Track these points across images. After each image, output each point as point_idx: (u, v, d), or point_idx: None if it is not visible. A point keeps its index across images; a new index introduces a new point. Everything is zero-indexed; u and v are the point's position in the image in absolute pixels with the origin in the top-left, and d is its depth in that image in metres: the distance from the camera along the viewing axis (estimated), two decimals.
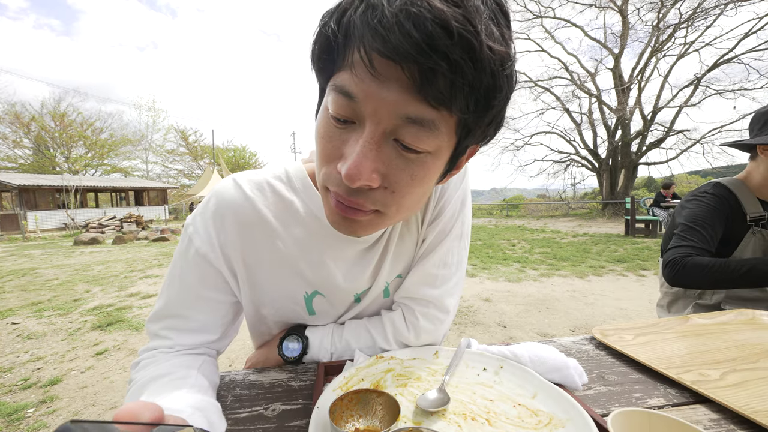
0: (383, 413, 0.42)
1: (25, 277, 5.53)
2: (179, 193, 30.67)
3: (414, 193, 0.41)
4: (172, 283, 0.55)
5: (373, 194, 0.40)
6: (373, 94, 0.34)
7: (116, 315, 3.54)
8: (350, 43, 0.34)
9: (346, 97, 0.35)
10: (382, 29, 0.30)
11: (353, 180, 0.36)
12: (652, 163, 16.75)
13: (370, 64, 0.32)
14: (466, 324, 3.15)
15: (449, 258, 0.61)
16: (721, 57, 13.31)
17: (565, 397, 0.44)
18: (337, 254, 0.57)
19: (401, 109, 0.34)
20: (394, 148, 0.37)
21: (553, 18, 16.95)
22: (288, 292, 0.59)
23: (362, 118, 0.36)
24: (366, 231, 0.45)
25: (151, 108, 35.30)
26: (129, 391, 0.47)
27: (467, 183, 0.63)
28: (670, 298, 1.20)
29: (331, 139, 0.39)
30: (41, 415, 1.93)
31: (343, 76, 0.35)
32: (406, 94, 0.33)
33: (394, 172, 0.38)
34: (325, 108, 0.39)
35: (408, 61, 0.31)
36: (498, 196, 60.91)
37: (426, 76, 0.31)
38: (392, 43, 0.30)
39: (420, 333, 0.60)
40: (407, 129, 0.35)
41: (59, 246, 9.79)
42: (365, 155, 0.36)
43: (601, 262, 5.57)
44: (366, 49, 0.32)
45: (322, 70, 0.39)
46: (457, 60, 0.30)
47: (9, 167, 26.97)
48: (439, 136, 0.36)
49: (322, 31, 0.36)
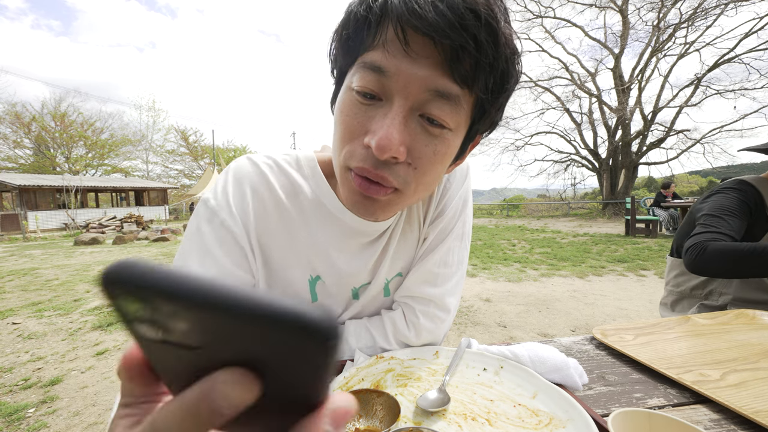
0: (383, 413, 0.42)
1: (25, 277, 5.53)
2: (179, 194, 30.70)
3: (433, 170, 0.44)
4: (191, 261, 0.50)
5: (396, 168, 0.42)
6: (406, 69, 0.37)
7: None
8: (385, 22, 0.37)
9: (376, 72, 0.38)
10: (419, 8, 0.34)
11: (384, 150, 0.38)
12: (652, 163, 16.75)
13: (405, 40, 0.36)
14: (467, 324, 3.15)
15: (450, 257, 0.61)
16: (721, 57, 13.29)
17: (565, 398, 0.44)
18: (341, 245, 0.57)
19: (431, 83, 0.37)
20: (419, 124, 0.40)
21: (553, 18, 16.95)
22: (295, 275, 0.59)
23: (390, 94, 0.38)
24: (384, 212, 0.46)
25: (151, 108, 35.27)
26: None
27: (469, 184, 0.63)
28: (675, 297, 1.18)
29: (356, 116, 0.40)
30: (41, 415, 1.93)
31: (374, 54, 0.38)
32: (436, 69, 0.37)
33: (419, 147, 0.41)
34: (348, 88, 0.41)
35: (442, 37, 0.34)
36: (498, 196, 60.90)
37: (456, 53, 0.35)
38: (428, 20, 0.34)
39: (421, 332, 0.60)
40: (434, 103, 0.38)
41: (60, 246, 9.79)
42: (395, 127, 0.38)
43: (601, 262, 5.57)
44: (402, 26, 0.35)
45: (349, 50, 0.40)
46: (482, 40, 0.35)
47: (9, 167, 26.99)
48: (461, 113, 0.40)
49: (356, 11, 0.38)
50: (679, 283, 1.17)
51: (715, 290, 1.07)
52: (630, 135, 16.06)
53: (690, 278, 1.13)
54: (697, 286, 1.11)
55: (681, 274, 1.16)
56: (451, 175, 0.61)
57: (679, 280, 1.17)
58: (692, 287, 1.12)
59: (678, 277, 1.17)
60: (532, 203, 22.05)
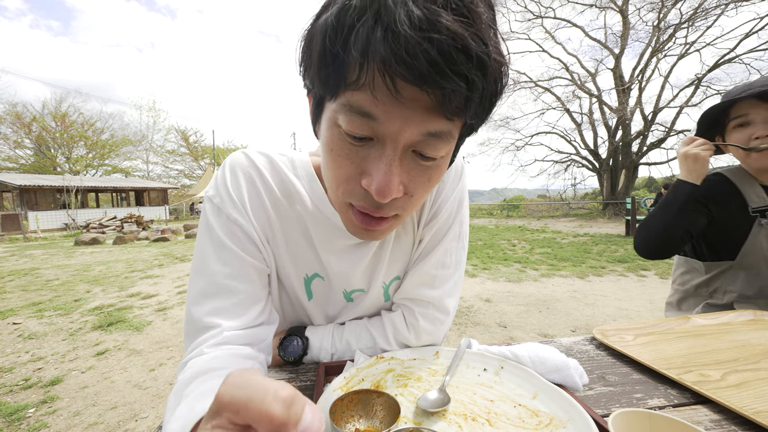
0: (383, 413, 0.42)
1: (26, 278, 5.54)
2: (180, 194, 30.73)
3: (428, 192, 0.44)
4: (210, 259, 0.51)
5: (395, 202, 0.42)
6: (397, 115, 0.35)
7: (117, 315, 3.54)
8: (368, 65, 0.33)
9: (365, 117, 0.36)
10: (407, 56, 0.30)
11: (384, 196, 0.38)
12: (652, 164, 16.74)
13: (394, 89, 0.33)
14: (467, 324, 3.15)
15: (447, 258, 0.61)
16: (721, 57, 13.30)
17: (565, 398, 0.44)
18: (330, 246, 0.58)
19: (423, 127, 0.36)
20: (413, 159, 0.40)
21: (553, 18, 16.97)
22: (290, 270, 0.59)
23: (382, 136, 0.37)
24: (384, 235, 0.48)
25: (151, 108, 35.44)
26: (173, 391, 0.43)
27: (464, 184, 0.63)
28: (681, 295, 1.16)
29: (348, 157, 0.40)
30: (42, 415, 1.93)
31: (360, 96, 0.35)
32: (427, 113, 0.35)
33: (415, 179, 0.41)
34: (334, 125, 0.39)
35: (433, 87, 0.32)
36: (498, 196, 60.85)
37: (447, 97, 0.33)
38: (418, 69, 0.31)
39: (420, 334, 0.60)
40: (427, 142, 0.38)
41: (60, 246, 9.80)
42: (392, 171, 0.38)
43: (601, 263, 5.56)
44: (390, 75, 0.32)
45: (328, 83, 0.37)
46: (473, 79, 0.32)
47: (10, 167, 27.03)
48: (451, 142, 0.40)
49: (330, 47, 0.34)
50: (684, 281, 1.16)
51: (720, 288, 1.05)
52: (630, 135, 16.06)
53: (694, 276, 1.12)
54: (702, 284, 1.10)
55: (686, 272, 1.15)
56: (445, 176, 0.60)
57: (685, 278, 1.15)
58: (697, 285, 1.11)
59: (683, 275, 1.16)
60: (533, 203, 22.06)
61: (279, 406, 0.18)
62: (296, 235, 0.57)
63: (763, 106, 0.90)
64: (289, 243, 0.57)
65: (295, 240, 0.57)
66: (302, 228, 0.57)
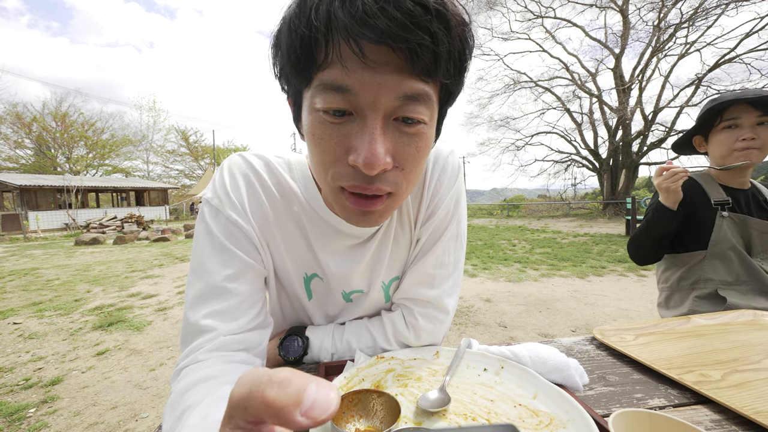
0: (384, 413, 0.42)
1: (26, 277, 5.54)
2: (180, 194, 30.72)
3: (420, 165, 0.44)
4: (208, 260, 0.51)
5: (387, 176, 0.41)
6: (370, 82, 0.35)
7: (117, 315, 3.54)
8: (333, 38, 0.34)
9: (339, 92, 0.36)
10: (368, 17, 0.32)
11: (373, 167, 0.37)
12: (653, 163, 16.71)
13: (361, 54, 0.34)
14: (467, 324, 3.15)
15: (446, 258, 0.61)
16: (722, 57, 13.28)
17: (565, 398, 0.44)
18: (329, 247, 0.58)
19: (398, 90, 0.36)
20: (396, 128, 0.40)
21: (553, 18, 16.96)
22: (289, 269, 0.59)
23: (360, 108, 0.37)
24: (382, 218, 0.47)
25: (151, 108, 35.33)
26: (169, 402, 0.42)
27: (461, 182, 0.62)
28: (667, 293, 1.21)
29: (331, 137, 0.39)
30: (42, 415, 1.93)
31: (331, 72, 0.36)
32: (399, 74, 0.36)
33: (402, 149, 0.41)
34: (313, 110, 0.39)
35: (398, 41, 0.33)
36: (498, 196, 60.84)
37: (414, 52, 0.34)
38: (380, 27, 0.32)
39: (420, 333, 0.60)
40: (406, 106, 0.38)
41: (60, 246, 9.81)
42: (376, 140, 0.37)
43: (602, 263, 5.56)
44: (355, 40, 0.33)
45: (300, 71, 0.38)
46: (436, 32, 0.34)
47: (10, 167, 27.03)
48: (431, 105, 0.40)
49: (297, 29, 0.35)
50: (667, 278, 1.21)
51: (701, 278, 1.11)
52: (630, 135, 16.05)
53: (674, 271, 1.18)
54: (682, 277, 1.15)
55: (667, 269, 1.21)
56: (441, 175, 0.60)
57: (666, 275, 1.21)
58: (678, 279, 1.16)
59: (665, 273, 1.22)
60: (533, 203, 22.05)
61: (274, 390, 0.17)
62: (295, 235, 0.57)
63: (753, 113, 1.01)
64: (288, 243, 0.57)
65: (294, 240, 0.57)
66: (300, 229, 0.57)
